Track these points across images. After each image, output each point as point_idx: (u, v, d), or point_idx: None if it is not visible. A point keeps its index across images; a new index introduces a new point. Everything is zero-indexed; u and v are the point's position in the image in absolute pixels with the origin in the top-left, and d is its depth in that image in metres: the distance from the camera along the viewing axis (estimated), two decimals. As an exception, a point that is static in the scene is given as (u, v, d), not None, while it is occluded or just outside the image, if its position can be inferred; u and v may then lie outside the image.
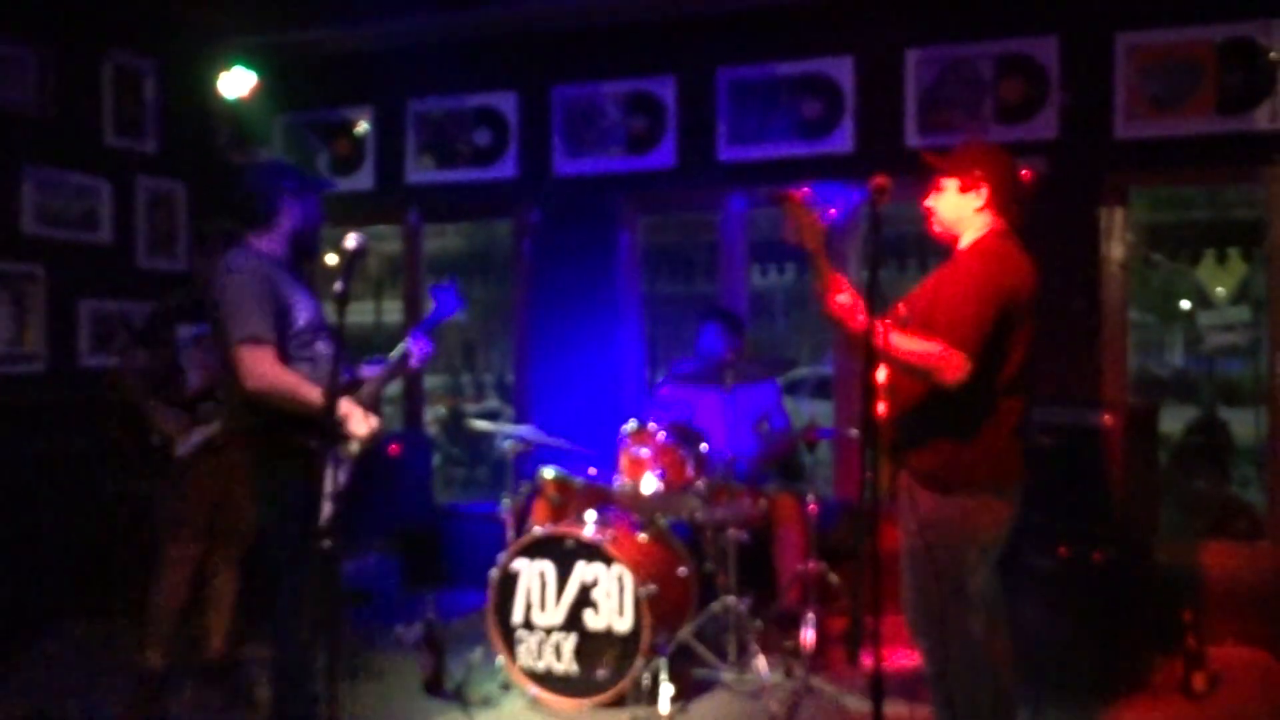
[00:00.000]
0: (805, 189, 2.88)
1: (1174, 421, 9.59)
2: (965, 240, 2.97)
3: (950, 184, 2.96)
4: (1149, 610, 4.19)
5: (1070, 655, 3.99)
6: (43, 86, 5.16)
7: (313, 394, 3.10)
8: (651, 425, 4.40)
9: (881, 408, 2.92)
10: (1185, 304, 15.60)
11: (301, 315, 3.25)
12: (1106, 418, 4.16)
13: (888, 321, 2.76)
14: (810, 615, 4.43)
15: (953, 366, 2.70)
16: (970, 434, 2.82)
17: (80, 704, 4.05)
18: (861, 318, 2.77)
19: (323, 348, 3.28)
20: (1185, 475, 7.97)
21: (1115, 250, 4.94)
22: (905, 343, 2.76)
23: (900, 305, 2.95)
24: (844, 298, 2.84)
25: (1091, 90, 4.88)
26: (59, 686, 4.27)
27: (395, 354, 3.45)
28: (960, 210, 2.96)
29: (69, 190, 5.31)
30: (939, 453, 2.86)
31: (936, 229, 3.04)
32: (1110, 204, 4.91)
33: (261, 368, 3.09)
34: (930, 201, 3.02)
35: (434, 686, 4.15)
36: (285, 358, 3.18)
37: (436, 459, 10.92)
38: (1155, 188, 6.09)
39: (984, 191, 2.92)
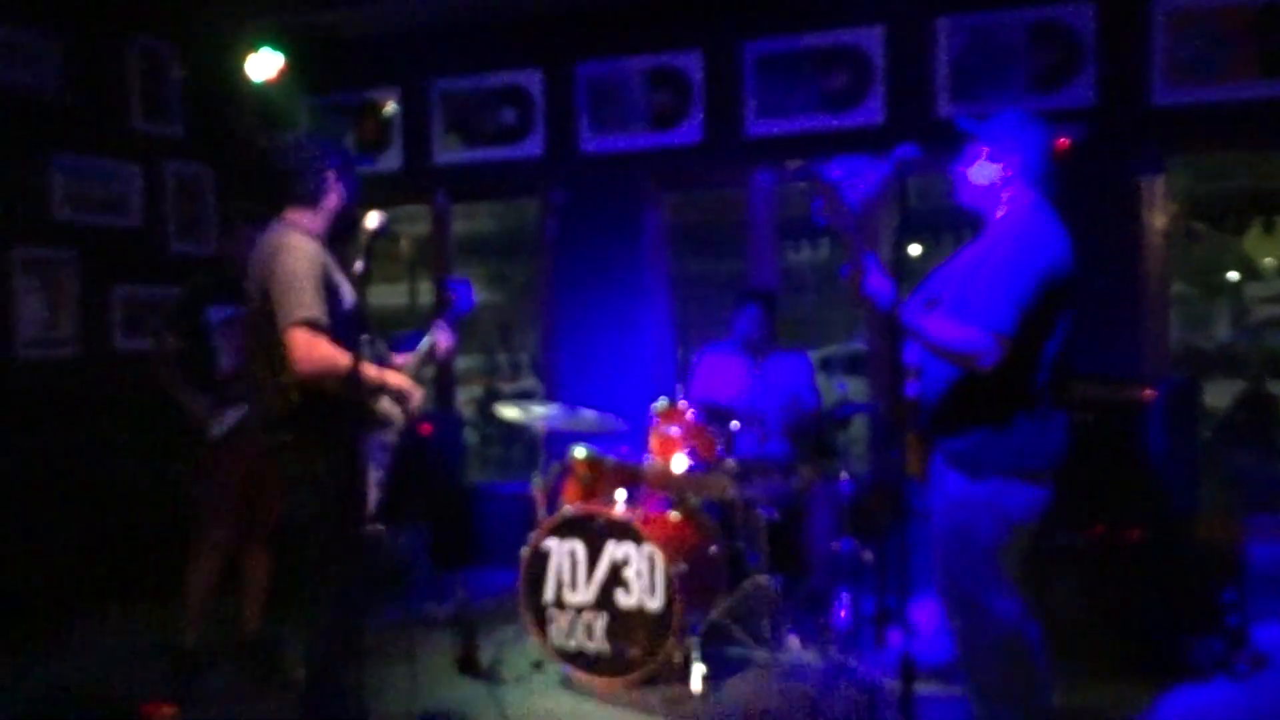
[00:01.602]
0: (833, 166, 2.79)
1: (1220, 396, 9.40)
2: (997, 212, 2.88)
3: (982, 151, 2.87)
4: (1189, 589, 4.10)
5: (1107, 635, 3.92)
6: (69, 74, 5.20)
7: (371, 372, 3.11)
8: (681, 404, 4.37)
9: (913, 387, 2.86)
10: (1232, 275, 15.29)
11: (346, 298, 3.23)
12: (1146, 392, 4.06)
13: (921, 303, 2.69)
14: (843, 594, 4.39)
15: (988, 352, 2.62)
16: (1003, 417, 2.74)
17: (117, 684, 4.11)
18: (892, 299, 2.69)
19: (359, 331, 3.27)
20: (1231, 450, 7.83)
21: (1156, 220, 4.82)
22: (939, 327, 2.69)
23: (933, 283, 2.88)
24: (876, 279, 2.74)
25: (1128, 56, 4.75)
26: (96, 668, 4.34)
27: (423, 346, 3.45)
28: (990, 179, 2.87)
29: (98, 175, 5.35)
30: (970, 436, 2.78)
31: (965, 198, 2.95)
32: (1149, 173, 4.79)
33: (318, 351, 3.02)
34: (961, 168, 2.93)
35: (466, 665, 4.17)
36: (335, 341, 3.15)
37: (473, 439, 10.97)
38: (1196, 155, 5.94)
39: (1016, 161, 2.83)
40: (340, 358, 3.02)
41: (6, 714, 3.76)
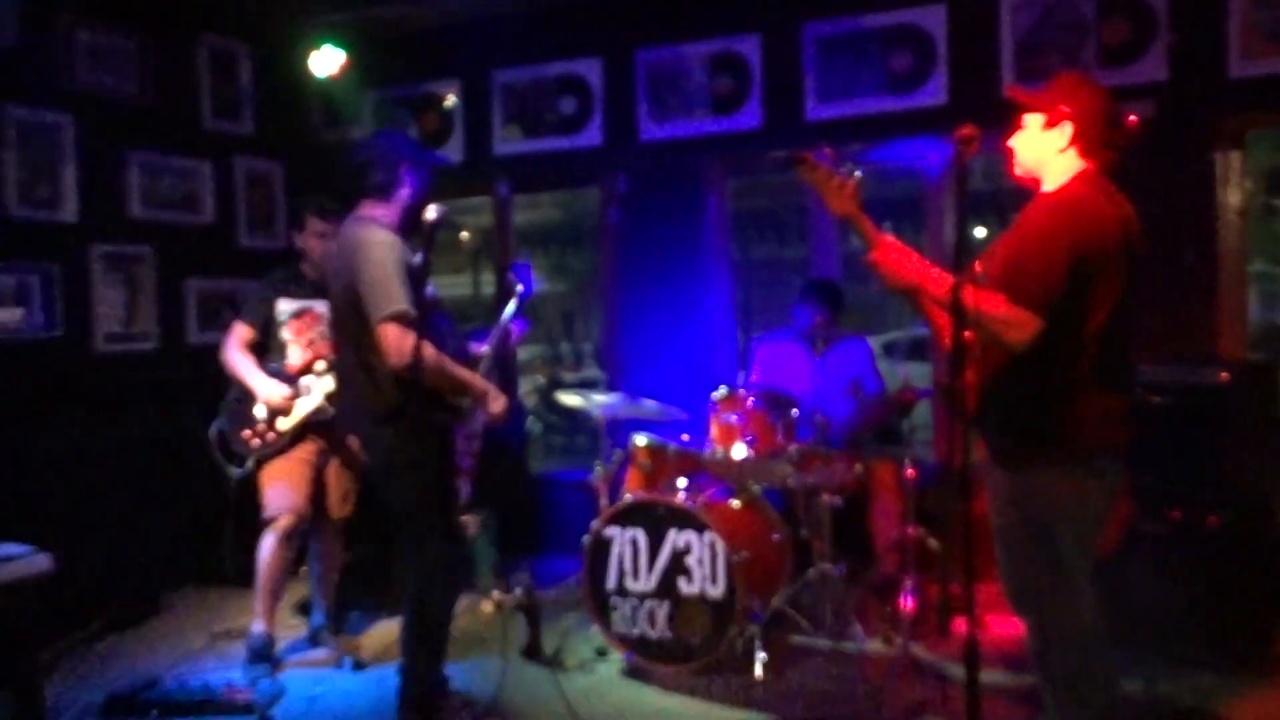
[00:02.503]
0: (823, 149, 2.67)
1: (1302, 377, 9.09)
2: (1047, 185, 2.71)
3: (1033, 120, 2.70)
4: (1269, 577, 3.97)
5: (1185, 625, 3.82)
6: (143, 74, 5.34)
7: (458, 371, 3.17)
8: (742, 391, 4.36)
9: (969, 374, 2.77)
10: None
11: (426, 289, 3.29)
12: (1223, 374, 3.94)
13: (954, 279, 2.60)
14: (909, 582, 4.34)
15: (1017, 325, 2.48)
16: (1043, 409, 2.60)
17: (194, 670, 4.22)
18: (913, 276, 2.63)
19: (441, 323, 3.33)
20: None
21: (1231, 197, 4.67)
22: (971, 301, 2.49)
23: (978, 262, 2.76)
24: (892, 257, 2.66)
25: (1203, 26, 4.59)
26: (174, 654, 4.45)
27: (497, 334, 3.52)
28: (1042, 150, 2.69)
29: (172, 173, 5.49)
30: (1010, 431, 2.68)
31: (1017, 171, 2.78)
32: (1225, 148, 4.63)
33: (409, 344, 3.06)
34: (1012, 141, 2.76)
35: (530, 653, 4.21)
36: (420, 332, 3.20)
37: (537, 428, 11.08)
38: (1276, 130, 5.72)
39: (1068, 129, 2.64)
40: (429, 350, 3.10)
41: (86, 700, 3.89)
